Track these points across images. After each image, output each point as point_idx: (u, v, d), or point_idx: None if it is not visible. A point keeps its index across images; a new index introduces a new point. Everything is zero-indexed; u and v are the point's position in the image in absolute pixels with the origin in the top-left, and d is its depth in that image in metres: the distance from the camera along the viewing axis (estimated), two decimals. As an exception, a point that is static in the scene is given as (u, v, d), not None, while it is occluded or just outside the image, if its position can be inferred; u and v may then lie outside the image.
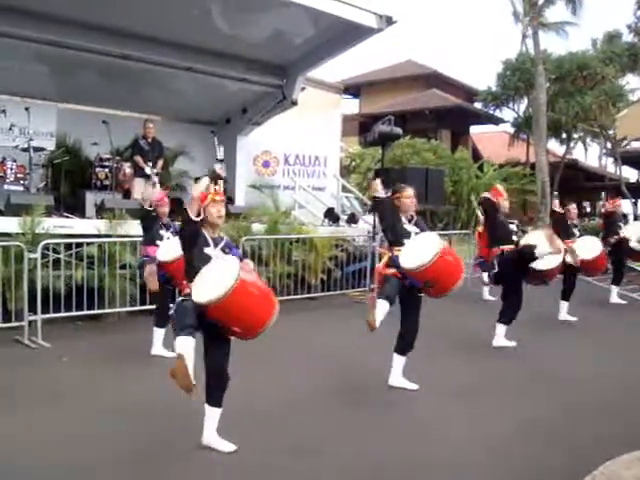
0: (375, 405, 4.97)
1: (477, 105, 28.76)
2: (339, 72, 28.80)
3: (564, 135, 25.68)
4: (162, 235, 6.30)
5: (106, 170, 9.85)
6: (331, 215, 11.74)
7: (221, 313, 3.73)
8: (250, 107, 11.46)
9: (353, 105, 31.69)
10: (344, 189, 14.28)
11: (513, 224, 7.06)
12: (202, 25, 9.00)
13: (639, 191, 24.67)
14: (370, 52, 20.30)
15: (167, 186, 9.56)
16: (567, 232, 8.37)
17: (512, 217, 7.51)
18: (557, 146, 27.41)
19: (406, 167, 15.62)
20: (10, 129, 9.48)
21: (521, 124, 25.74)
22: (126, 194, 9.75)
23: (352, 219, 12.14)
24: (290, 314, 7.19)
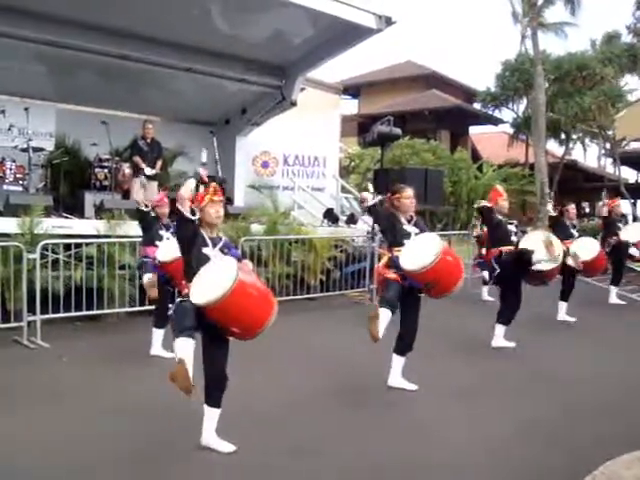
0: (375, 406, 4.96)
1: (476, 106, 28.78)
2: (338, 72, 28.82)
3: (563, 136, 25.72)
4: (162, 235, 6.30)
5: (105, 170, 9.85)
6: (330, 216, 11.74)
7: (220, 314, 3.72)
8: (249, 107, 11.46)
9: (352, 106, 31.72)
10: (343, 190, 14.28)
11: (512, 224, 7.06)
12: (201, 25, 9.00)
13: (638, 192, 24.71)
14: (369, 53, 20.36)
15: (166, 187, 9.55)
16: (565, 233, 8.37)
17: (511, 217, 7.51)
18: (556, 147, 27.46)
19: (405, 167, 15.65)
20: (9, 129, 9.48)
21: (520, 125, 25.78)
22: (125, 194, 9.76)
23: (351, 219, 12.15)
24: (289, 315, 7.20)
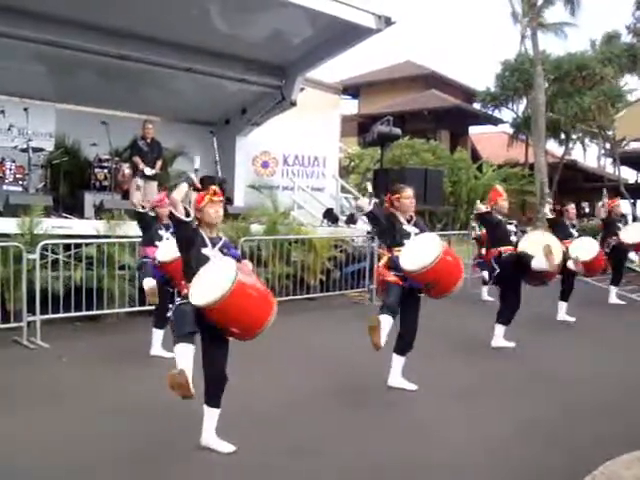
0: (374, 406, 4.97)
1: (476, 106, 28.78)
2: (338, 73, 28.81)
3: (563, 136, 25.73)
4: (161, 235, 6.29)
5: (105, 171, 9.86)
6: (330, 216, 11.74)
7: (219, 315, 3.72)
8: (249, 107, 11.47)
9: (352, 106, 31.71)
10: (343, 190, 14.28)
11: (512, 224, 7.07)
12: (201, 25, 9.00)
13: (638, 192, 24.71)
14: (369, 53, 20.37)
15: (166, 186, 9.54)
16: (565, 233, 8.39)
17: (511, 217, 7.51)
18: (556, 147, 27.47)
19: (405, 167, 15.67)
20: (9, 129, 9.49)
21: (520, 125, 25.78)
22: (125, 195, 9.74)
23: (351, 219, 12.13)
24: (289, 315, 7.21)
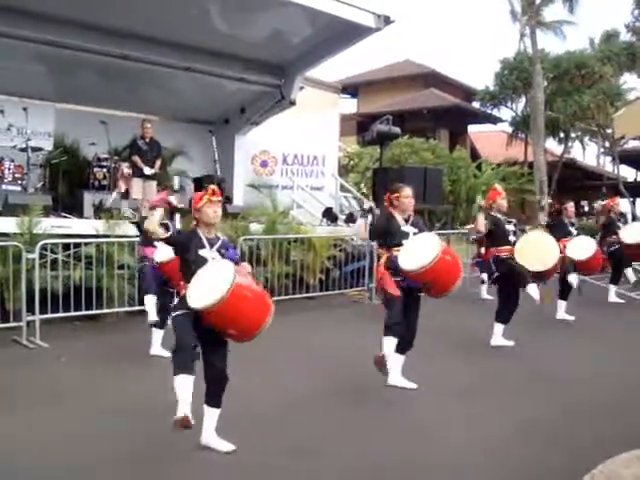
0: (374, 405, 4.97)
1: (475, 104, 28.81)
2: (337, 72, 28.93)
3: (562, 134, 25.76)
4: (161, 235, 6.29)
5: (104, 170, 9.86)
6: (329, 215, 11.73)
7: (217, 317, 3.73)
8: (248, 107, 11.46)
9: (351, 105, 31.77)
10: (342, 189, 14.28)
11: (511, 224, 7.05)
12: (200, 25, 8.99)
13: (637, 190, 24.72)
14: (368, 51, 20.35)
15: (166, 186, 9.54)
16: (564, 231, 8.39)
17: (510, 216, 7.50)
18: (555, 145, 27.52)
19: (404, 166, 15.68)
20: (8, 129, 9.49)
21: (519, 123, 25.82)
22: (124, 194, 9.74)
23: (350, 219, 12.12)
24: (288, 314, 7.23)
